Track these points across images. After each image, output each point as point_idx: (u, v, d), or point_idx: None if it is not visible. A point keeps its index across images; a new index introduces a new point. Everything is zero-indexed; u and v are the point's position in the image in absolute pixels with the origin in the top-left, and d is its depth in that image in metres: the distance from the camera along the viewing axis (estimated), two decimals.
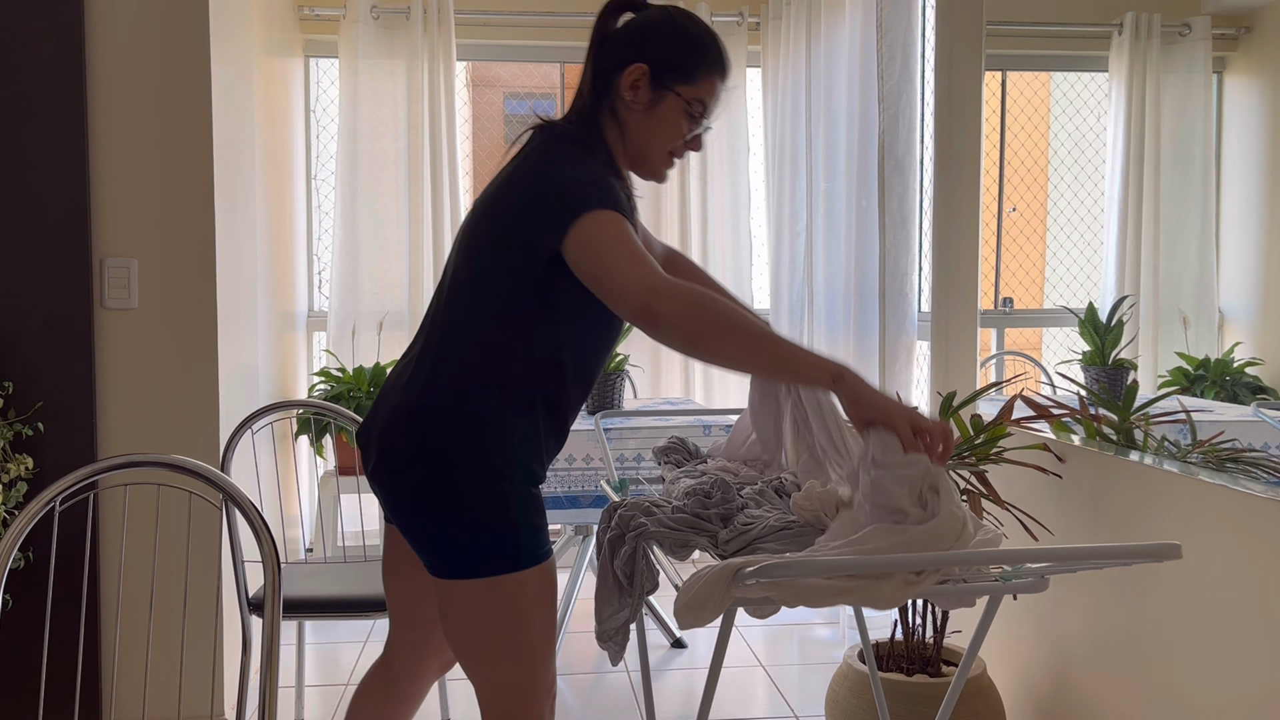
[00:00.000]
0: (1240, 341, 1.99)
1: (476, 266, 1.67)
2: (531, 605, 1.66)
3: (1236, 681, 1.95)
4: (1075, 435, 2.49)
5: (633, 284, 1.52)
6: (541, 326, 1.66)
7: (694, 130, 1.74)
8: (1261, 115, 1.93)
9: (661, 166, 1.74)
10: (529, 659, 1.68)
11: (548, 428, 1.71)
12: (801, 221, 4.27)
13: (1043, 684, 2.60)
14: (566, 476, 3.42)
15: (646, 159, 1.73)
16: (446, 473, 1.63)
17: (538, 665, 1.70)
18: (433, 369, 1.67)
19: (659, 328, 1.51)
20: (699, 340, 1.50)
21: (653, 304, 1.50)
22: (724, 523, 1.77)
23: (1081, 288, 2.49)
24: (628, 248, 1.54)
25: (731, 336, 1.50)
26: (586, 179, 1.61)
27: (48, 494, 1.63)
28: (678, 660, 3.51)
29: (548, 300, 1.66)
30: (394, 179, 4.49)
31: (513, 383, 1.66)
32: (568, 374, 1.70)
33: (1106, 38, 2.36)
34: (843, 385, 1.52)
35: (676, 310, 1.50)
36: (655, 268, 1.54)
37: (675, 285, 1.51)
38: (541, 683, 1.71)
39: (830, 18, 3.93)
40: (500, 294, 1.65)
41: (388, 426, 1.67)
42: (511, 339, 1.65)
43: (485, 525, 1.63)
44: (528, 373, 1.67)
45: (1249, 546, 1.90)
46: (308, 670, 3.42)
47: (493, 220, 1.67)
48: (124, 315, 2.85)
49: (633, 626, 1.99)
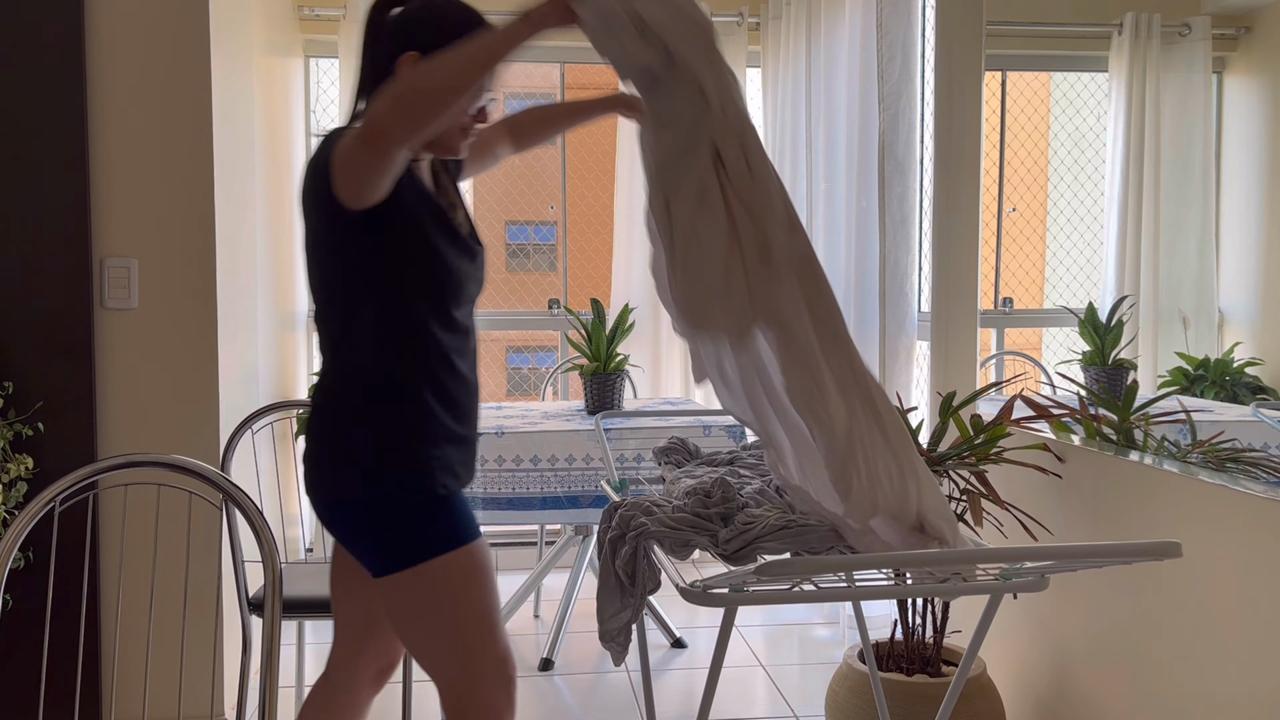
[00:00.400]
0: (1240, 341, 1.99)
1: (324, 275, 1.77)
2: (457, 588, 1.74)
3: (1236, 681, 1.95)
4: (1075, 435, 2.50)
5: (349, 141, 1.58)
6: (386, 305, 1.74)
7: (478, 104, 1.78)
8: (1261, 115, 1.93)
9: (457, 142, 1.78)
10: (466, 640, 1.76)
11: (441, 398, 1.78)
12: (801, 221, 4.27)
13: (1043, 684, 2.60)
14: (566, 476, 3.42)
15: (441, 139, 1.77)
16: (353, 471, 1.73)
17: (477, 646, 1.77)
18: (323, 374, 1.81)
19: (382, 135, 1.53)
20: (412, 104, 1.51)
21: (365, 132, 1.53)
22: (724, 522, 1.77)
23: (1081, 288, 2.49)
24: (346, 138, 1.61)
25: (429, 81, 1.51)
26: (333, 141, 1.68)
27: (48, 494, 1.63)
28: (678, 660, 3.52)
29: (379, 281, 1.72)
30: None
31: (383, 368, 1.75)
32: (428, 330, 1.77)
33: (1106, 38, 2.36)
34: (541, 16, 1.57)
35: (380, 112, 1.51)
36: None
37: (370, 109, 1.54)
38: (485, 662, 1.78)
39: (830, 18, 3.93)
40: (343, 289, 1.74)
41: (306, 438, 1.82)
42: (366, 326, 1.74)
43: (398, 518, 1.72)
44: (394, 350, 1.75)
45: (1249, 546, 1.91)
46: (308, 670, 3.42)
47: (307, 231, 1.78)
48: (124, 315, 2.85)
49: (633, 626, 1.99)
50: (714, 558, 1.65)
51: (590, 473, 3.42)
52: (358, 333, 1.74)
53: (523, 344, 9.26)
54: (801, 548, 1.70)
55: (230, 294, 3.06)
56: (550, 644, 3.52)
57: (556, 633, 3.56)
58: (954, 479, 2.67)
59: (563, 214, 4.98)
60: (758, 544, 1.69)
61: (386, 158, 1.57)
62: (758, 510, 1.78)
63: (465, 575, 1.75)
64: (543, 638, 3.75)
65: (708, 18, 1.62)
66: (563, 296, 4.95)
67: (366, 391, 1.74)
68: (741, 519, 1.74)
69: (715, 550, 1.74)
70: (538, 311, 4.81)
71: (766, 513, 1.76)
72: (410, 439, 1.74)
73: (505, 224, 10.42)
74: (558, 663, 3.49)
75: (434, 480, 1.75)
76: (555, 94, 4.93)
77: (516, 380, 9.11)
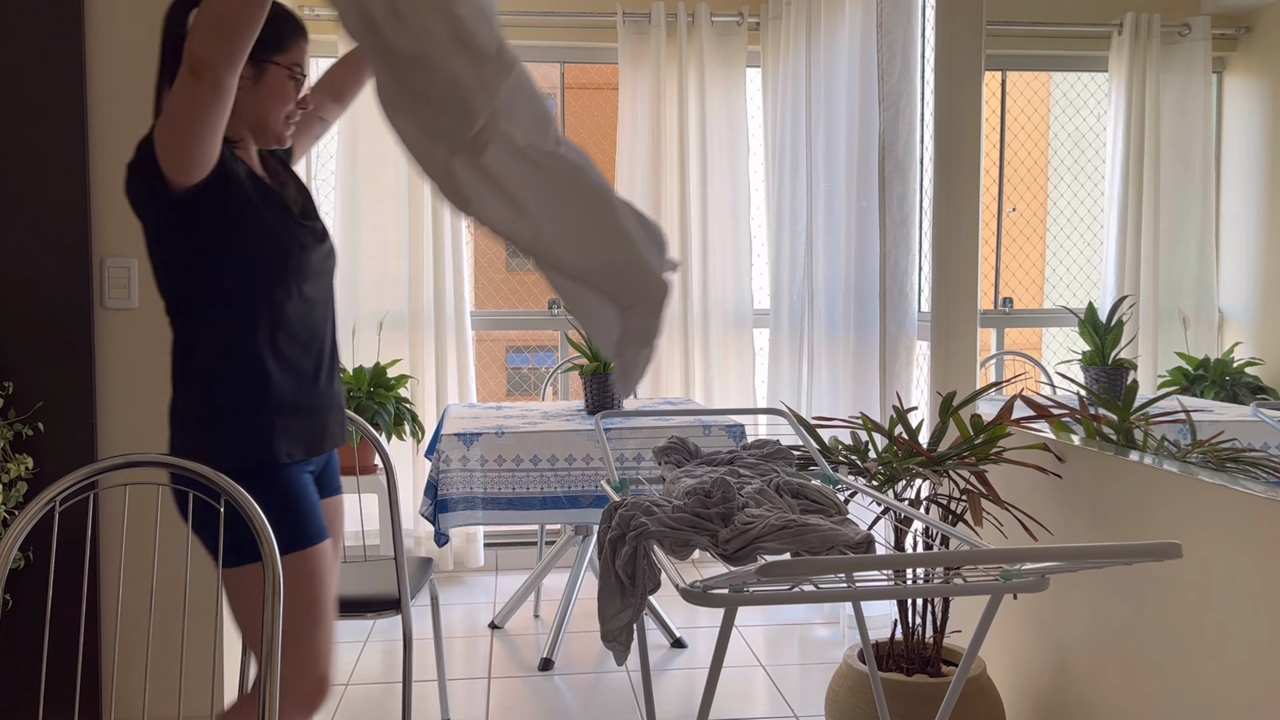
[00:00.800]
0: (1240, 341, 1.99)
1: (166, 272, 1.84)
2: (258, 598, 1.83)
3: (1237, 680, 1.95)
4: (1075, 435, 2.50)
5: (180, 83, 1.63)
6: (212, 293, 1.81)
7: (301, 91, 1.89)
8: (1261, 115, 1.93)
9: (283, 130, 1.88)
10: (284, 648, 1.83)
11: (280, 365, 1.86)
12: (801, 222, 4.28)
13: (1043, 684, 2.60)
14: (566, 476, 3.42)
15: (267, 127, 1.86)
16: (197, 434, 1.84)
17: (289, 649, 1.84)
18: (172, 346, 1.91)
19: (206, 63, 1.59)
20: (223, 20, 1.58)
21: (190, 65, 1.60)
22: (724, 522, 1.77)
23: (1081, 288, 2.49)
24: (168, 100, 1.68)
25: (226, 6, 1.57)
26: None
27: (48, 494, 1.63)
28: (678, 660, 3.52)
29: (212, 259, 1.80)
30: (394, 179, 4.49)
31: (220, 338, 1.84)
32: (264, 302, 1.84)
33: (1106, 38, 2.36)
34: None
35: (196, 42, 1.59)
36: None
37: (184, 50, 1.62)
38: (285, 673, 1.83)
39: (830, 18, 3.93)
40: (172, 290, 1.83)
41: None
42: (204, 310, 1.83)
43: (233, 518, 1.82)
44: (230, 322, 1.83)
45: (1249, 546, 1.91)
46: None
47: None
48: (124, 315, 2.85)
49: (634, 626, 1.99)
50: (714, 558, 1.65)
51: (590, 473, 3.42)
52: (197, 315, 1.82)
53: (522, 344, 9.26)
54: (801, 548, 1.70)
55: None
56: (550, 644, 3.52)
57: (556, 633, 3.56)
58: (954, 479, 2.67)
59: None
60: (758, 544, 1.69)
61: (218, 90, 1.62)
62: (758, 510, 1.78)
63: (307, 578, 1.85)
64: (543, 638, 3.75)
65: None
66: None
67: (204, 357, 1.82)
68: (741, 519, 1.75)
69: (715, 550, 1.74)
70: (538, 311, 4.81)
71: (766, 513, 1.76)
72: (247, 405, 1.82)
73: None
74: (558, 663, 3.50)
75: (274, 447, 1.83)
76: (555, 93, 4.94)
77: (516, 380, 9.11)
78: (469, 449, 3.37)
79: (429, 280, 4.50)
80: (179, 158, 1.69)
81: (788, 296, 4.44)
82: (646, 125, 4.64)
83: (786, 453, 2.32)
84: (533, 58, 4.73)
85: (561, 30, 4.66)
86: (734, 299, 4.74)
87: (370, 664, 3.50)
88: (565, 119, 4.91)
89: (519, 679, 3.37)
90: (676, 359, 4.72)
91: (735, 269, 4.72)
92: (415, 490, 4.56)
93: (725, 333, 4.74)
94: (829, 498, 1.94)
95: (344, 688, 3.29)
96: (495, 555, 4.76)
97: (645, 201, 4.65)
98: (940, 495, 2.58)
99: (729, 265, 4.72)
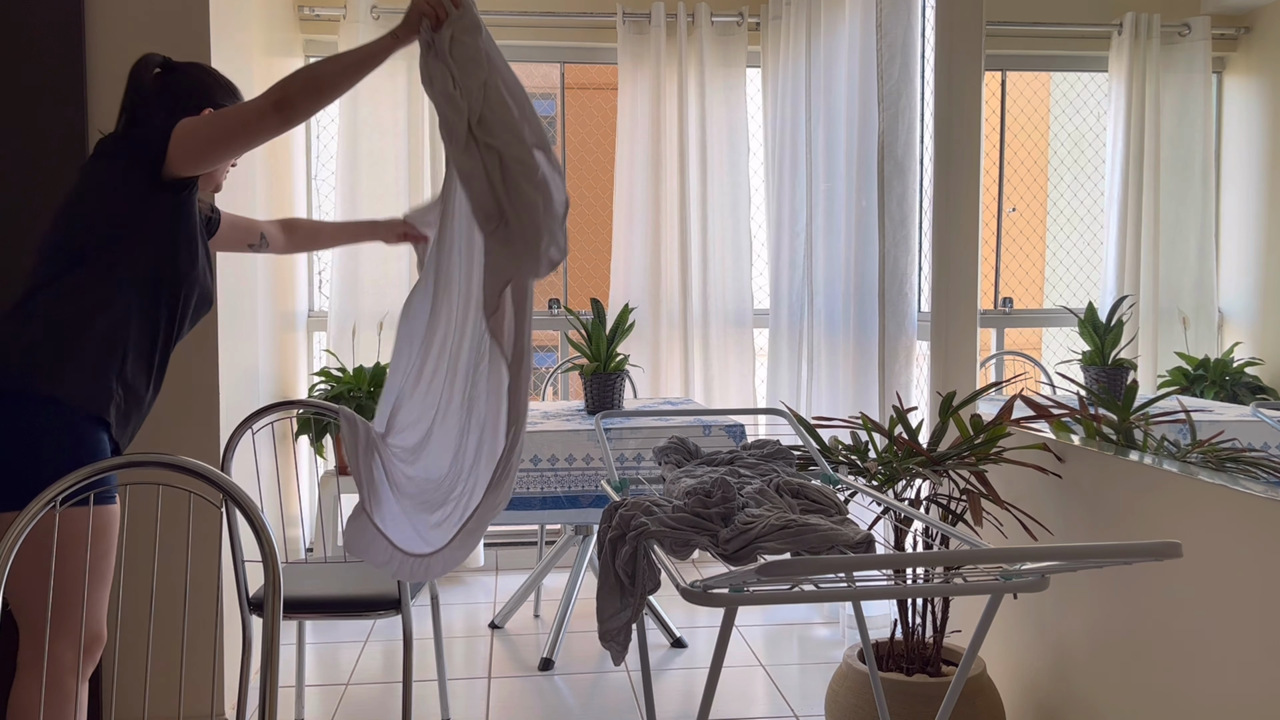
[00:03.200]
0: (1240, 341, 1.99)
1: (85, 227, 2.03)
2: (86, 541, 1.97)
3: (1236, 680, 1.95)
4: (1075, 435, 2.50)
5: (255, 105, 1.93)
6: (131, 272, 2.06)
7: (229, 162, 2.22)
8: (1261, 115, 1.93)
9: (221, 180, 2.23)
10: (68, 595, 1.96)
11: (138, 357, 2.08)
12: (801, 222, 4.28)
13: (1043, 684, 2.61)
14: (567, 476, 3.42)
15: (215, 176, 2.21)
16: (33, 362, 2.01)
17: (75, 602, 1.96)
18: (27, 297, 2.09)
19: (291, 104, 1.92)
20: (318, 91, 1.92)
21: (276, 100, 1.92)
22: (724, 522, 1.77)
23: (1081, 288, 2.49)
24: (221, 110, 2.01)
25: (328, 72, 1.93)
26: (154, 128, 2.03)
27: (48, 494, 1.63)
28: (678, 660, 3.52)
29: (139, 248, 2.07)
30: (394, 179, 4.49)
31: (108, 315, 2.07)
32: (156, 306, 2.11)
33: (1106, 38, 2.36)
34: (404, 29, 1.95)
35: (288, 90, 1.92)
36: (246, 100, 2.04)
37: (274, 86, 1.93)
38: (70, 626, 1.95)
39: (830, 18, 3.93)
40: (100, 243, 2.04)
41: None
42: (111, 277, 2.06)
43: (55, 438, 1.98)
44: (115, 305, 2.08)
45: (1249, 546, 1.91)
46: (308, 670, 3.42)
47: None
48: None
49: (633, 626, 1.99)
50: (714, 558, 1.65)
51: (590, 473, 3.42)
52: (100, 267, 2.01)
53: None
54: (801, 548, 1.70)
55: (230, 294, 3.06)
56: (550, 644, 3.52)
57: (556, 633, 3.56)
58: (954, 479, 2.67)
59: None
60: (758, 544, 1.69)
61: (283, 127, 1.93)
62: (758, 510, 1.78)
63: (103, 531, 1.98)
64: (543, 638, 3.76)
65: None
66: (563, 296, 4.95)
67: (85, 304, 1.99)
68: (741, 519, 1.75)
69: (715, 550, 1.74)
70: (538, 312, 4.81)
71: (766, 513, 1.76)
72: (103, 365, 1.99)
73: None
74: (558, 663, 3.50)
75: (110, 409, 1.98)
76: (555, 93, 4.93)
77: None
78: None
79: (428, 280, 4.49)
80: (202, 150, 1.98)
81: (788, 296, 4.44)
82: (646, 125, 4.64)
83: (786, 453, 2.32)
84: (533, 58, 4.74)
85: (561, 30, 4.66)
86: (734, 299, 4.74)
87: (370, 664, 3.50)
88: (565, 119, 4.91)
89: (519, 679, 3.37)
90: (676, 359, 4.72)
91: (735, 269, 4.72)
92: None
93: (725, 333, 4.74)
94: (829, 498, 1.94)
95: (344, 688, 3.29)
96: (495, 555, 4.76)
97: (645, 201, 4.66)
98: (940, 495, 2.58)
99: (729, 265, 4.72)
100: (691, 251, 4.67)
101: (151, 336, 2.08)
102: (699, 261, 4.69)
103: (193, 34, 2.83)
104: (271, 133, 1.95)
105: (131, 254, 2.02)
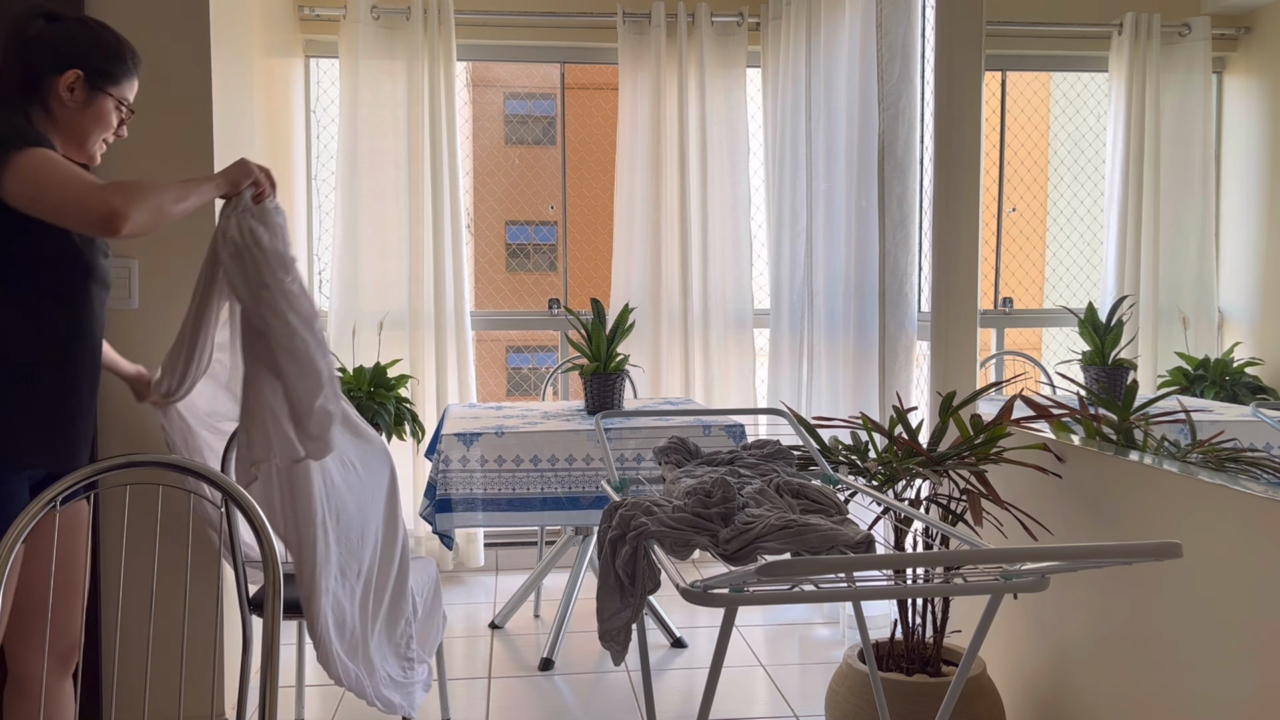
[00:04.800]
0: (1240, 341, 1.99)
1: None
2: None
3: (1236, 681, 1.95)
4: (1075, 435, 2.50)
5: (90, 199, 1.77)
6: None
7: (122, 123, 2.09)
8: (1261, 115, 1.93)
9: (95, 152, 2.07)
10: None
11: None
12: (801, 221, 4.28)
13: (1043, 684, 2.60)
14: (567, 476, 3.42)
15: (84, 146, 2.04)
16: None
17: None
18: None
19: (124, 219, 1.78)
20: (155, 216, 1.83)
21: (114, 210, 1.78)
22: (724, 522, 1.77)
23: (1081, 288, 2.49)
24: (69, 170, 1.81)
25: (169, 211, 1.87)
26: (5, 128, 1.84)
27: (48, 494, 1.63)
28: (678, 660, 3.52)
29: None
30: (394, 179, 4.49)
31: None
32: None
33: (1106, 38, 2.36)
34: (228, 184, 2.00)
35: (126, 204, 1.78)
36: (96, 181, 1.81)
37: (118, 185, 1.80)
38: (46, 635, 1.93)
39: (830, 18, 3.93)
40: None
41: None
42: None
43: None
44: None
45: (1249, 546, 1.91)
46: (308, 670, 3.42)
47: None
48: (124, 315, 2.85)
49: (633, 626, 1.99)
50: (714, 558, 1.65)
51: (590, 473, 3.42)
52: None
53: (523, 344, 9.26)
54: (802, 548, 1.70)
55: None
56: (550, 644, 3.52)
57: (556, 633, 3.56)
58: (954, 479, 2.67)
59: (563, 214, 4.98)
60: (758, 544, 1.69)
61: (99, 231, 1.79)
62: (758, 510, 1.78)
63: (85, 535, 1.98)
64: (543, 638, 3.76)
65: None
66: (563, 296, 4.95)
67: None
68: (741, 519, 1.75)
69: (715, 550, 1.74)
70: (538, 311, 4.81)
71: (766, 513, 1.76)
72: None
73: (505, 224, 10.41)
74: (558, 663, 3.50)
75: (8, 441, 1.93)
76: (555, 93, 4.93)
77: (516, 380, 9.11)
78: (469, 449, 3.37)
79: (429, 280, 4.50)
80: (24, 201, 1.81)
81: (788, 296, 4.44)
82: (646, 125, 4.64)
83: (786, 453, 2.32)
84: (533, 58, 4.73)
85: (561, 30, 4.66)
86: (734, 299, 4.74)
87: None
88: (565, 119, 4.91)
89: (519, 679, 3.37)
90: (677, 359, 4.72)
91: (735, 269, 4.72)
92: (415, 491, 4.56)
93: (725, 333, 4.74)
94: (829, 498, 1.94)
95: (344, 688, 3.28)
96: (495, 555, 4.76)
97: (645, 201, 4.66)
98: (940, 495, 2.58)
99: (729, 265, 4.72)
100: (692, 251, 4.67)
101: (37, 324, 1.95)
102: (699, 261, 4.69)
103: (193, 34, 2.83)
104: (87, 230, 1.80)
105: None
